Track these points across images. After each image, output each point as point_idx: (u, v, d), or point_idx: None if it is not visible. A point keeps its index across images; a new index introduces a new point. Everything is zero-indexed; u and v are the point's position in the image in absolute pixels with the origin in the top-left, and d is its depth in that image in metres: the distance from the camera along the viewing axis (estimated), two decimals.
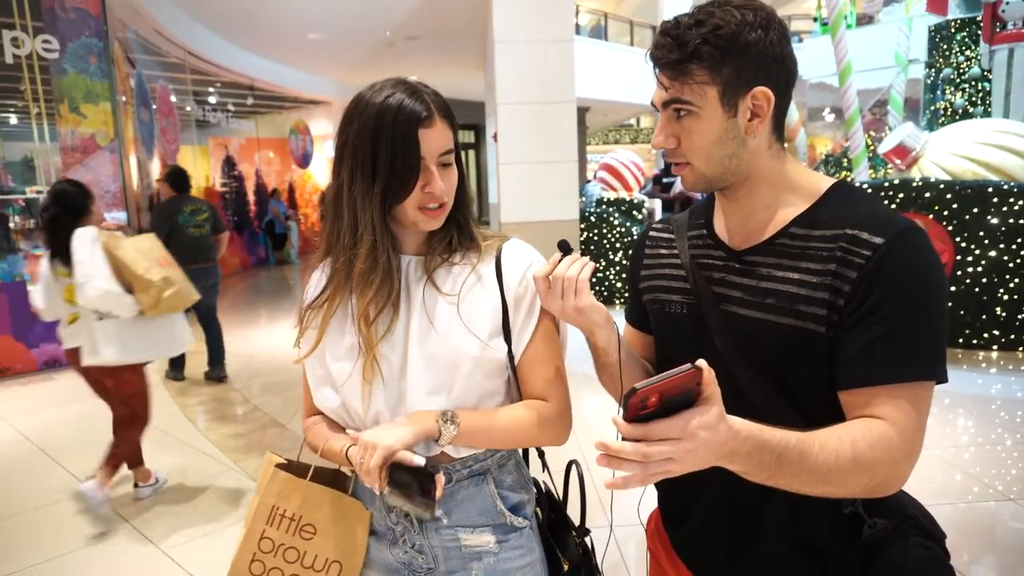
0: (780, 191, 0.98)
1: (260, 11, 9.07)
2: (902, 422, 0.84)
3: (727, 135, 0.93)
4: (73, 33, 6.13)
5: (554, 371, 1.12)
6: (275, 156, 16.22)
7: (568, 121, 6.25)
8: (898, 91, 9.36)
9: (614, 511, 1.14)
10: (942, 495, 3.10)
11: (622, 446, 0.69)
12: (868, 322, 0.86)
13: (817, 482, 0.81)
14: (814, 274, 0.90)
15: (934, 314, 0.87)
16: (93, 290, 2.79)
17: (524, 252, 1.14)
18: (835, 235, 0.91)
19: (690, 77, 0.91)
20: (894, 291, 0.85)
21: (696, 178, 0.97)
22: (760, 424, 0.78)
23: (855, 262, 0.87)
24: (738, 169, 0.96)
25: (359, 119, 1.03)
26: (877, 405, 0.86)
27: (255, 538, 1.10)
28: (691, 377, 0.69)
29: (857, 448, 0.82)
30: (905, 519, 0.96)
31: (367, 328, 1.06)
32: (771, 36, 0.91)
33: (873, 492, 0.85)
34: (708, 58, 0.89)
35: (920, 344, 0.86)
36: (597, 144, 23.47)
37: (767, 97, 0.93)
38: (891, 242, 0.86)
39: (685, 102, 0.92)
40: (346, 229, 1.06)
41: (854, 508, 0.93)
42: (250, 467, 3.68)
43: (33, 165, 8.31)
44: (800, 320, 0.90)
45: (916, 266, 0.87)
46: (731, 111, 0.92)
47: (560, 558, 1.20)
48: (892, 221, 0.89)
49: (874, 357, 0.86)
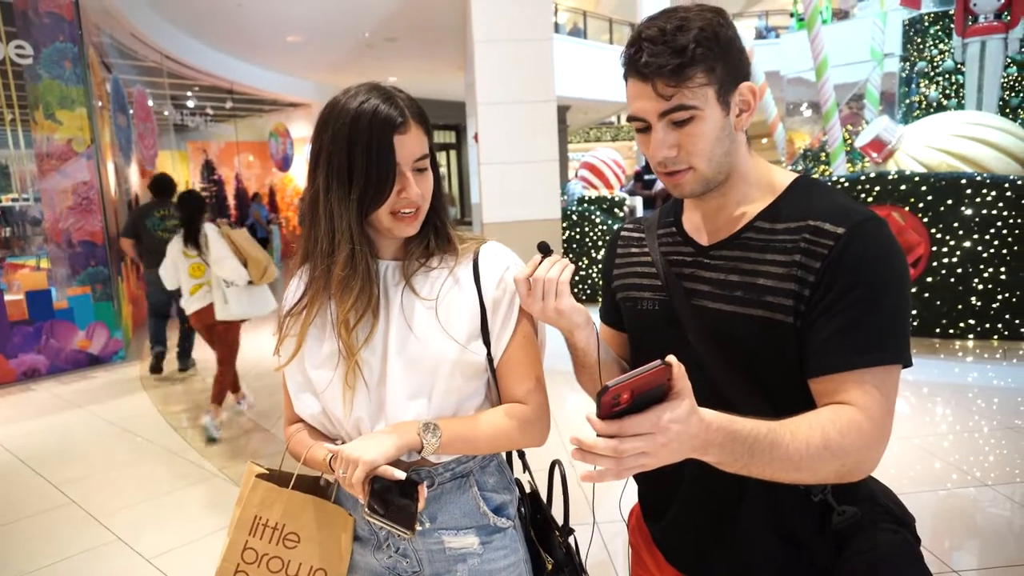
0: (748, 186, 1.01)
1: (238, 13, 8.99)
2: (870, 407, 0.86)
3: (723, 132, 0.95)
4: (47, 38, 6.04)
5: (533, 374, 1.13)
6: (255, 159, 16.10)
7: (548, 120, 6.27)
8: (874, 85, 9.48)
9: (598, 509, 1.15)
10: (922, 483, 3.15)
11: (596, 442, 0.70)
12: (833, 310, 0.89)
13: (789, 470, 0.83)
14: (780, 265, 0.93)
15: (897, 300, 0.89)
16: (227, 267, 3.92)
17: (501, 255, 1.15)
18: (798, 227, 0.93)
19: (691, 81, 0.91)
20: (857, 279, 0.88)
21: (697, 182, 0.98)
22: (732, 415, 0.79)
23: (818, 252, 0.90)
24: (727, 168, 0.98)
25: (334, 125, 1.03)
26: (845, 391, 0.88)
27: (238, 549, 1.09)
28: (661, 373, 0.70)
29: (827, 435, 0.83)
30: (874, 506, 0.99)
31: (347, 335, 1.06)
32: (736, 34, 0.96)
33: (845, 477, 0.87)
34: (704, 60, 0.91)
35: (884, 329, 0.88)
36: (578, 142, 23.52)
37: (752, 91, 0.96)
38: (852, 231, 0.89)
39: (690, 107, 0.92)
40: (323, 235, 1.06)
41: (824, 496, 0.95)
42: (234, 473, 3.66)
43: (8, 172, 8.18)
44: (768, 311, 0.93)
45: (877, 254, 0.89)
46: (726, 108, 0.95)
47: (544, 557, 1.21)
48: (853, 211, 0.92)
49: (840, 344, 0.88)
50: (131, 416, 4.80)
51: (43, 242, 6.73)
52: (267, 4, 8.61)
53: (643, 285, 1.11)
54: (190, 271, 4.18)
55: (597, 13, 15.31)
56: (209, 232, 4.01)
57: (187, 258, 4.18)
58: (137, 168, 9.51)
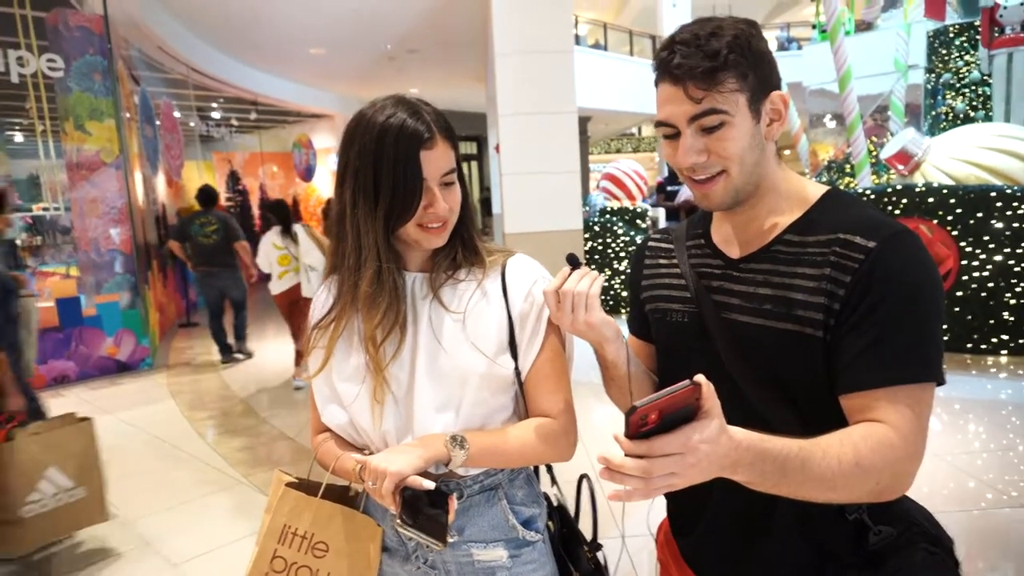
0: (778, 198, 1.00)
1: (262, 27, 9.13)
2: (903, 425, 0.85)
3: (754, 141, 0.94)
4: (77, 51, 6.17)
5: (561, 387, 1.12)
6: (279, 170, 16.29)
7: (570, 131, 6.27)
8: (899, 97, 9.37)
9: (625, 523, 1.13)
10: (955, 502, 3.08)
11: (624, 461, 0.70)
12: (864, 326, 0.87)
13: (822, 489, 0.81)
14: (810, 279, 0.92)
15: (929, 315, 0.87)
16: (312, 256, 4.92)
17: (529, 267, 1.14)
18: (829, 240, 0.92)
19: (723, 86, 0.91)
20: (888, 293, 0.86)
21: (728, 191, 0.96)
22: (762, 433, 0.78)
23: (849, 266, 0.89)
24: (757, 178, 0.97)
25: (360, 140, 1.03)
26: (877, 408, 0.86)
27: (267, 557, 1.09)
28: (690, 393, 0.69)
29: (859, 453, 0.82)
30: (911, 525, 0.97)
31: (375, 351, 1.06)
32: (767, 46, 0.95)
33: (879, 496, 0.85)
34: (736, 66, 0.91)
35: (916, 345, 0.87)
36: (599, 154, 23.52)
37: (784, 100, 0.96)
38: (883, 245, 0.88)
39: (720, 111, 0.91)
40: (350, 251, 1.06)
41: (859, 515, 0.93)
42: (259, 480, 3.68)
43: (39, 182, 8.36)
44: (798, 325, 0.91)
45: (909, 268, 0.88)
46: (756, 116, 0.94)
47: (572, 573, 1.20)
48: (884, 224, 0.90)
49: (871, 360, 0.86)
50: (158, 422, 4.86)
51: (72, 250, 6.86)
52: (290, 17, 8.73)
53: (672, 297, 1.10)
54: (278, 260, 5.32)
55: (618, 25, 15.33)
56: (299, 230, 5.19)
57: (276, 249, 5.32)
58: (164, 178, 9.67)
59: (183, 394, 5.59)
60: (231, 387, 5.74)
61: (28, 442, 2.68)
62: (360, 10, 8.41)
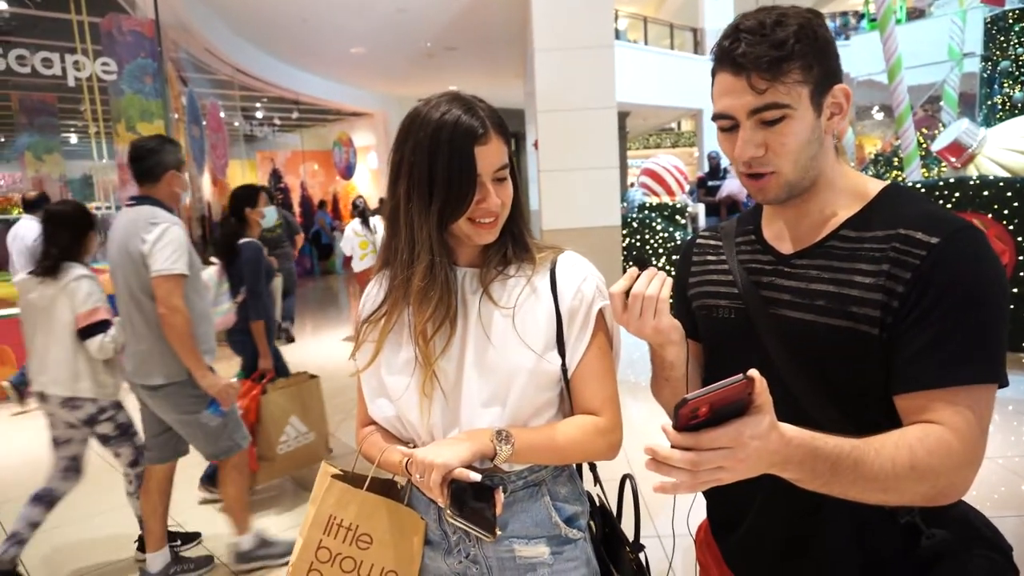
0: (834, 193, 0.97)
1: (305, 28, 9.29)
2: (962, 427, 0.81)
3: (813, 135, 0.92)
4: (129, 55, 6.37)
5: (607, 385, 1.12)
6: (319, 168, 16.56)
7: (609, 127, 6.22)
8: (952, 86, 9.05)
9: (663, 522, 1.12)
10: (1007, 507, 2.97)
11: (671, 453, 0.69)
12: (924, 323, 0.84)
13: (874, 490, 0.79)
14: (867, 275, 0.89)
15: (993, 314, 0.84)
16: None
17: (579, 265, 1.14)
18: (888, 235, 0.89)
19: (787, 77, 0.88)
20: (950, 291, 0.83)
21: (780, 187, 0.94)
22: (813, 431, 0.76)
23: (909, 262, 0.86)
24: (813, 173, 0.94)
25: (415, 136, 1.04)
26: (935, 410, 0.83)
27: (312, 547, 1.11)
28: (743, 388, 0.68)
29: (915, 455, 0.79)
30: (966, 530, 0.93)
31: (425, 345, 1.07)
32: (832, 36, 0.92)
33: (933, 500, 0.82)
34: (802, 57, 0.88)
35: (978, 345, 0.83)
36: (638, 149, 23.29)
37: (846, 94, 0.93)
38: (946, 241, 0.84)
39: (783, 105, 0.88)
40: (403, 245, 1.07)
41: (911, 518, 0.90)
42: (299, 473, 3.74)
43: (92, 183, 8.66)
44: (853, 321, 0.88)
45: (973, 265, 0.84)
46: (818, 111, 0.92)
47: (614, 573, 1.19)
48: (947, 220, 0.87)
49: (931, 360, 0.83)
50: None
51: None
52: (332, 18, 8.86)
53: (720, 293, 1.08)
54: (359, 245, 6.60)
55: (658, 19, 15.14)
56: (376, 221, 6.59)
57: (357, 236, 6.60)
58: (209, 177, 9.92)
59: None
60: None
61: (278, 395, 3.44)
62: (403, 8, 8.48)
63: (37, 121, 7.87)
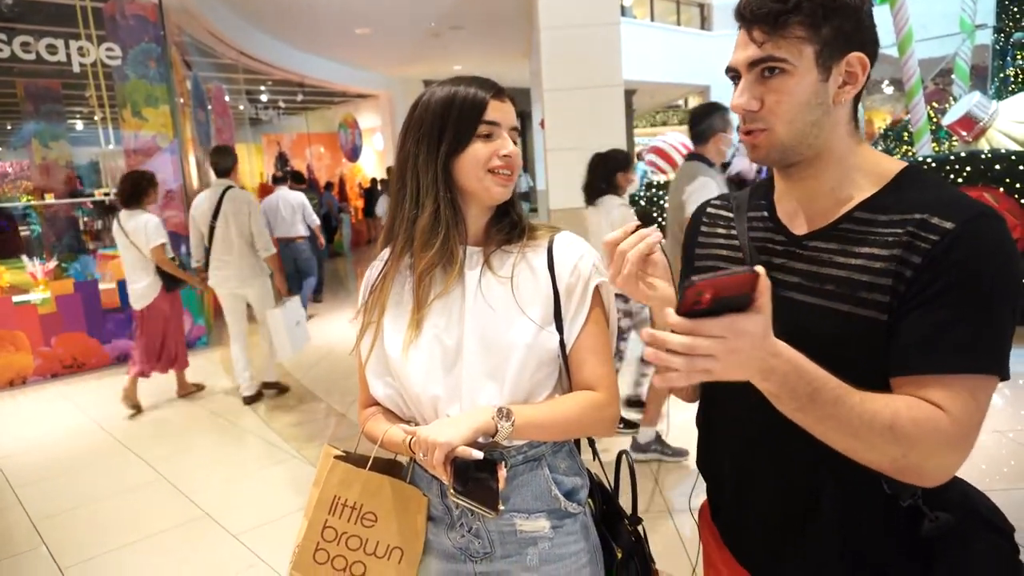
0: (848, 172, 0.94)
1: (309, 9, 9.22)
2: (957, 412, 0.79)
3: (816, 99, 0.89)
4: (133, 40, 6.35)
5: (604, 361, 1.13)
6: (325, 151, 16.53)
7: (616, 105, 6.17)
8: (964, 59, 8.89)
9: (668, 499, 1.13)
10: (1017, 479, 2.97)
11: (668, 335, 0.70)
12: (930, 307, 0.82)
13: (843, 434, 0.78)
14: (878, 260, 0.86)
15: (1004, 306, 0.82)
16: None
17: (576, 243, 1.16)
18: (903, 220, 0.86)
19: (789, 31, 0.86)
20: (962, 277, 0.81)
21: (771, 146, 0.92)
22: (811, 361, 0.77)
23: (921, 247, 0.83)
24: (815, 142, 0.92)
25: (428, 100, 1.11)
26: (933, 394, 0.81)
27: (318, 528, 1.13)
28: (748, 280, 0.70)
29: (899, 418, 0.78)
30: (969, 513, 0.92)
31: (419, 285, 1.11)
32: (866, 6, 0.90)
33: (901, 472, 0.80)
34: (809, 13, 0.86)
35: (986, 336, 0.81)
36: (644, 127, 23.08)
37: (863, 64, 0.90)
38: (962, 227, 0.81)
39: (779, 59, 0.87)
40: (409, 196, 1.11)
41: (914, 501, 0.88)
42: (312, 455, 3.79)
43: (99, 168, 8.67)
44: (861, 307, 0.87)
45: (987, 253, 0.81)
46: (824, 74, 0.89)
47: (614, 547, 1.21)
48: (965, 206, 0.84)
49: (934, 344, 0.81)
50: (214, 398, 5.05)
51: None
52: None
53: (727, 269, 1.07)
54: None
55: None
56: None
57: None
58: None
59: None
60: (283, 364, 5.91)
61: None
62: None
63: (43, 108, 7.86)
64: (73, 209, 7.69)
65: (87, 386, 5.68)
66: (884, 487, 0.87)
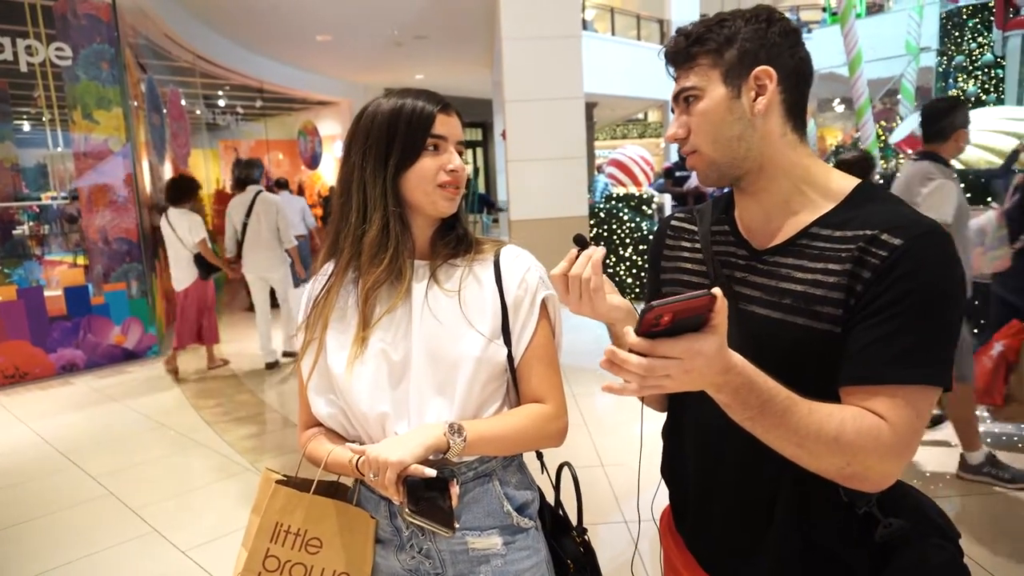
0: (800, 186, 0.98)
1: (269, 14, 9.10)
2: (897, 422, 0.83)
3: (731, 115, 0.96)
4: (85, 40, 6.17)
5: (552, 373, 1.14)
6: (284, 157, 16.28)
7: (576, 117, 6.25)
8: (909, 80, 9.25)
9: (626, 508, 1.15)
10: (963, 487, 3.08)
11: (628, 357, 0.74)
12: (875, 319, 0.85)
13: (790, 443, 0.82)
14: (832, 274, 0.90)
15: (946, 318, 0.85)
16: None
17: (522, 256, 1.17)
18: (856, 236, 0.90)
19: (696, 63, 0.97)
20: (905, 292, 0.84)
21: (707, 165, 0.99)
22: (761, 371, 0.80)
23: (871, 262, 0.87)
24: (748, 154, 0.96)
25: (373, 113, 1.10)
26: (875, 405, 0.85)
27: (259, 557, 1.09)
28: (705, 303, 0.73)
29: (843, 429, 0.82)
30: (921, 519, 0.96)
31: (365, 304, 1.09)
32: (773, 29, 0.96)
33: (847, 479, 0.84)
34: (710, 42, 0.96)
35: (930, 347, 0.84)
36: (605, 139, 23.37)
37: (768, 75, 0.95)
38: (909, 243, 0.85)
39: (691, 88, 0.97)
40: (356, 210, 1.10)
41: (868, 508, 0.92)
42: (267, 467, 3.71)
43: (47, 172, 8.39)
44: (816, 320, 0.90)
45: (932, 268, 0.85)
46: (735, 91, 0.95)
47: (564, 559, 1.21)
48: (915, 223, 0.88)
49: (877, 355, 0.85)
50: (165, 410, 4.91)
51: (80, 239, 6.90)
52: (298, 4, 8.69)
53: (691, 283, 1.09)
54: None
55: (625, 9, 15.16)
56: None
57: None
58: (171, 166, 9.68)
59: (190, 382, 5.63)
60: (237, 374, 5.79)
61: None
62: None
63: None
64: (17, 213, 7.42)
65: (30, 397, 5.46)
66: (841, 494, 0.91)
